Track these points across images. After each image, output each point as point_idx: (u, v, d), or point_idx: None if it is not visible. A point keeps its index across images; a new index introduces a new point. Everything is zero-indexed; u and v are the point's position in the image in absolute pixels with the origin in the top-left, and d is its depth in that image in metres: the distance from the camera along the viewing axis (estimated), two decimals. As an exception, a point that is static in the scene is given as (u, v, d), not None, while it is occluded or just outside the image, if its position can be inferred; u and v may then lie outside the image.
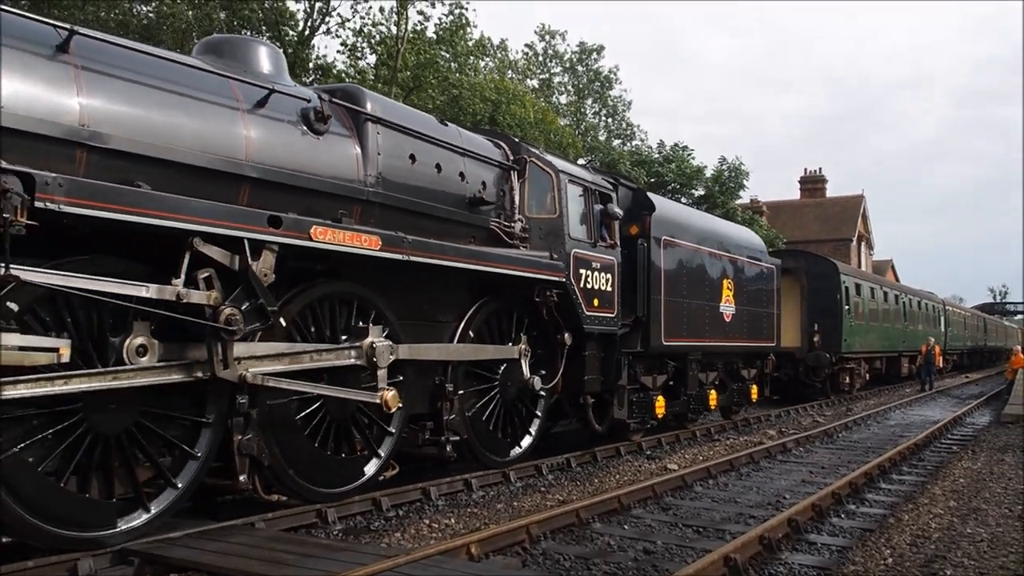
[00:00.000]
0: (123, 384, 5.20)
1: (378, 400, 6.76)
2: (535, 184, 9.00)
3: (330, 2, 26.43)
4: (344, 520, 6.60)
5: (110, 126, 5.28)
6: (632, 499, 7.63)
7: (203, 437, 5.77)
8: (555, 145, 28.49)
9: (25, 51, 5.02)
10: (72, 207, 4.65)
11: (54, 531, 4.99)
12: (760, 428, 14.04)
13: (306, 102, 6.64)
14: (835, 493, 7.93)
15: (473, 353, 8.05)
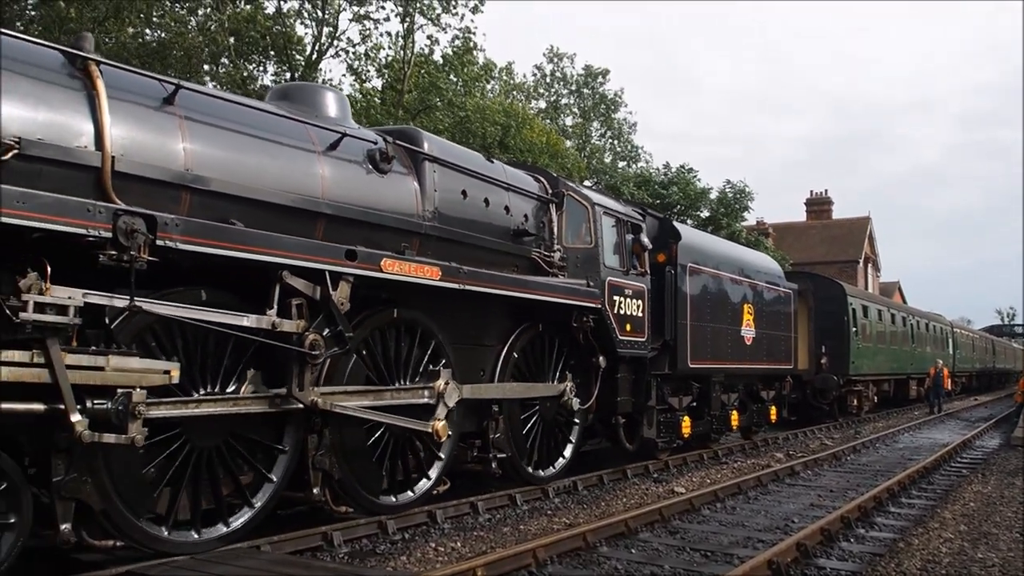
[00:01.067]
0: (240, 410, 6.08)
1: (429, 429, 7.58)
2: (572, 216, 9.88)
3: (338, 26, 27.54)
4: (350, 543, 6.81)
5: (209, 170, 6.09)
6: (639, 522, 7.77)
7: (281, 457, 6.59)
8: (562, 168, 29.47)
9: (139, 104, 5.84)
10: (186, 244, 5.43)
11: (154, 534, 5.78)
12: (768, 451, 14.38)
13: (372, 144, 7.49)
14: (844, 517, 8.03)
15: (525, 391, 8.96)
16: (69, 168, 5.36)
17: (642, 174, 35.30)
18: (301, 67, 27.26)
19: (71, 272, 5.12)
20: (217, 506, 6.17)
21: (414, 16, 26.85)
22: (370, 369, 7.29)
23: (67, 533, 5.35)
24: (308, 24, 27.63)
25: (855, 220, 50.52)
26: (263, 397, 6.27)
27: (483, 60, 30.77)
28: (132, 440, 5.32)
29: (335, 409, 6.71)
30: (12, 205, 4.66)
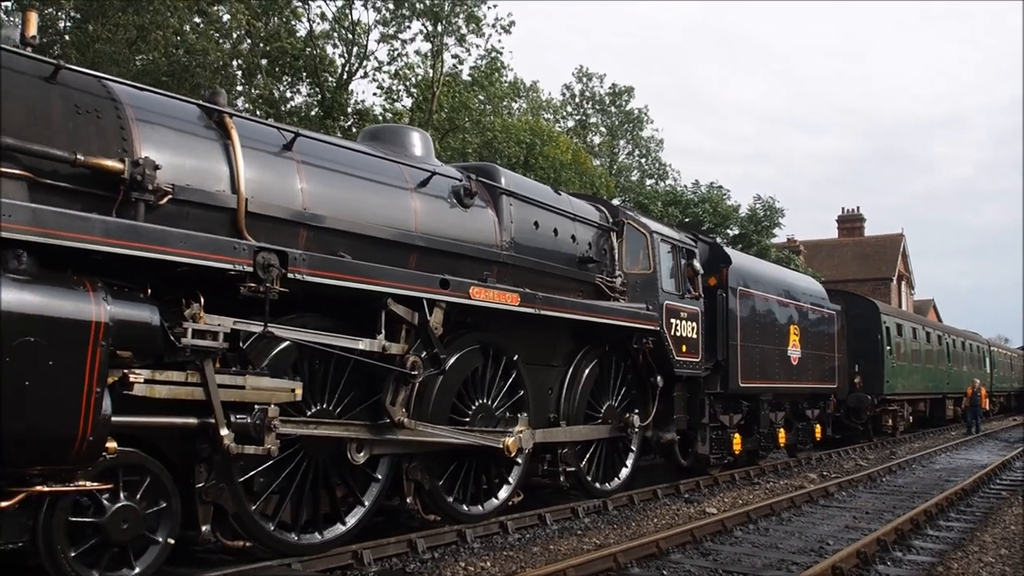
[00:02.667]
0: (349, 435, 6.98)
1: (500, 445, 8.43)
2: (631, 243, 10.81)
3: (367, 47, 28.66)
4: (380, 562, 7.10)
5: (322, 208, 7.00)
6: (671, 543, 7.91)
7: (382, 466, 7.47)
8: (589, 186, 30.37)
9: (264, 150, 6.78)
10: (312, 276, 6.32)
11: (280, 537, 6.68)
12: (801, 471, 14.66)
13: (456, 180, 8.42)
14: (881, 539, 8.10)
15: (591, 433, 9.79)
16: (210, 210, 6.29)
17: (672, 192, 36.20)
18: (333, 88, 28.39)
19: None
20: (332, 510, 7.06)
21: (442, 37, 27.90)
22: (455, 388, 8.16)
23: (207, 534, 6.25)
24: (338, 45, 28.82)
25: (888, 237, 51.12)
26: (369, 425, 7.18)
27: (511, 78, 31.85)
28: (268, 451, 6.22)
29: (419, 428, 7.59)
30: (176, 244, 5.58)
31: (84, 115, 5.77)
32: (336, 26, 27.90)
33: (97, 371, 5.10)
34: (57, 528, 5.33)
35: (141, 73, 21.78)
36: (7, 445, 4.86)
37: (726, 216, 34.83)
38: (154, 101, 6.38)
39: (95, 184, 5.67)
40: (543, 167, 29.51)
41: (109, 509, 5.55)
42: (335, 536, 7.09)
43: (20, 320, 4.79)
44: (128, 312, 5.34)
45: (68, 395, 4.99)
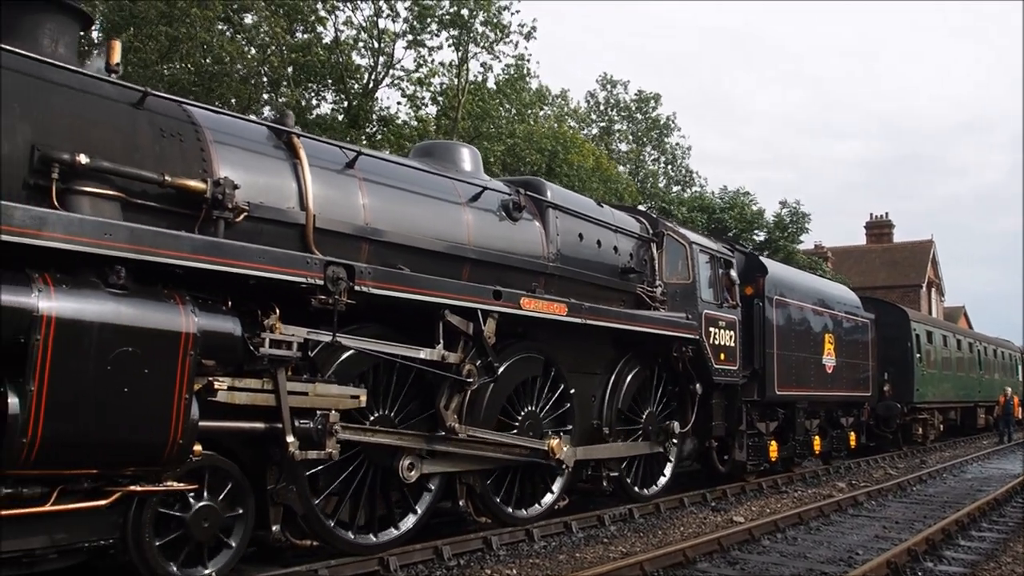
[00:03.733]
0: (403, 444, 7.39)
1: (546, 447, 8.83)
2: (670, 253, 11.24)
3: (393, 55, 29.20)
4: (406, 569, 7.24)
5: (382, 222, 7.46)
6: (697, 552, 7.97)
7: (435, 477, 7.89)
8: (613, 193, 30.78)
9: (329, 168, 7.26)
10: (377, 289, 6.78)
11: (342, 536, 7.13)
12: (829, 480, 14.73)
13: (505, 194, 8.87)
14: (911, 550, 8.10)
15: (629, 450, 10.17)
16: (281, 226, 6.77)
17: (700, 198, 36.57)
18: (359, 96, 28.94)
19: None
20: (388, 513, 7.51)
21: (467, 45, 28.38)
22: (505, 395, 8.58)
23: (277, 533, 6.70)
24: (364, 54, 29.37)
25: (917, 243, 51.22)
26: (422, 435, 7.60)
27: (537, 86, 32.30)
28: (329, 455, 6.66)
29: (470, 434, 8.02)
30: (256, 259, 6.05)
31: (168, 138, 6.26)
32: (362, 34, 28.42)
33: (186, 379, 5.57)
34: (146, 526, 5.79)
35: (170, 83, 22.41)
36: (108, 448, 5.33)
37: (752, 222, 35.11)
38: (228, 123, 6.88)
39: (179, 203, 6.15)
40: (567, 174, 29.94)
41: (192, 508, 6.02)
42: (389, 539, 7.51)
43: (119, 332, 5.26)
44: (213, 323, 5.80)
45: (161, 401, 5.46)
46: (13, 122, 5.47)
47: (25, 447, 4.90)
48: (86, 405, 5.14)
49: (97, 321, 5.17)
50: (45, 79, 5.75)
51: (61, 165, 5.51)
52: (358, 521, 7.37)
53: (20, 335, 4.89)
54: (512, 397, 8.68)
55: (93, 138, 5.80)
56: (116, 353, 5.24)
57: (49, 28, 6.06)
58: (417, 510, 7.74)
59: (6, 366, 4.92)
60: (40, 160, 5.49)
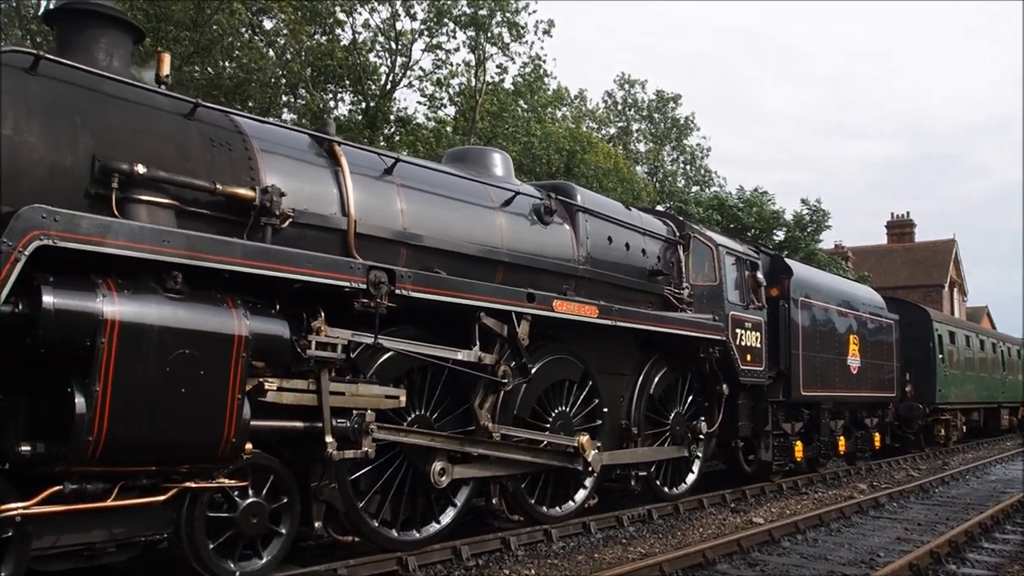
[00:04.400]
0: (436, 445, 7.63)
1: (576, 444, 9.06)
2: (697, 255, 11.51)
3: (411, 56, 29.54)
4: (424, 568, 7.35)
5: (419, 227, 7.75)
6: (717, 553, 8.02)
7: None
8: (631, 193, 31.01)
9: (368, 175, 7.55)
10: (416, 292, 7.06)
11: (383, 532, 7.42)
12: (850, 481, 14.74)
13: (536, 199, 9.16)
14: (934, 552, 8.13)
15: (652, 455, 10.39)
16: (324, 231, 7.06)
17: (716, 197, 36.75)
18: (377, 97, 29.29)
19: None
20: (427, 510, 7.80)
21: (484, 46, 28.68)
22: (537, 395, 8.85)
23: (320, 529, 6.99)
24: (382, 55, 29.73)
25: (939, 243, 51.08)
26: (455, 437, 7.87)
27: (555, 86, 32.56)
28: (366, 454, 6.94)
29: (501, 432, 8.30)
30: (303, 264, 6.34)
31: (218, 148, 6.56)
32: (380, 36, 28.76)
33: (239, 380, 5.86)
34: (198, 521, 6.09)
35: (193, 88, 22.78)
36: (166, 446, 5.63)
37: (770, 220, 35.24)
38: (273, 132, 7.19)
39: (229, 210, 6.45)
40: (585, 175, 30.20)
41: (241, 505, 6.31)
42: (430, 534, 7.81)
43: (177, 335, 5.55)
44: (263, 326, 6.09)
45: (215, 401, 5.74)
46: (75, 134, 5.78)
47: (91, 445, 5.19)
48: (146, 405, 5.42)
49: (157, 324, 5.45)
50: (103, 92, 6.06)
51: (120, 175, 5.81)
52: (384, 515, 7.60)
53: (86, 338, 5.18)
54: (543, 398, 8.94)
55: (148, 148, 6.10)
56: (174, 355, 5.53)
57: (105, 42, 6.36)
58: (456, 503, 8.03)
59: (73, 368, 5.22)
60: (101, 170, 5.79)
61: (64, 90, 5.84)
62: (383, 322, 7.23)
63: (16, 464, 5.22)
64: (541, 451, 8.68)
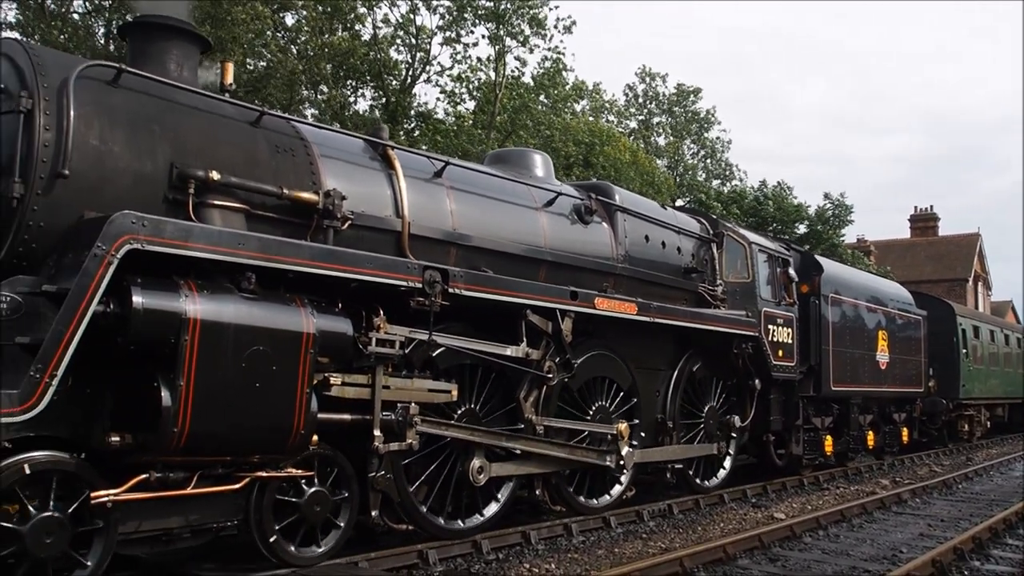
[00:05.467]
0: (476, 439, 8.04)
1: (615, 431, 9.49)
2: (730, 253, 11.92)
3: (430, 52, 29.94)
4: (445, 562, 7.46)
5: (467, 227, 8.18)
6: (738, 548, 8.06)
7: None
8: (650, 186, 31.34)
9: (420, 178, 7.98)
10: (468, 291, 7.49)
11: (432, 520, 7.84)
12: (872, 477, 14.82)
13: (576, 199, 9.56)
14: (957, 548, 8.15)
15: (682, 452, 10.74)
16: (380, 233, 7.49)
17: (736, 190, 37.06)
18: (396, 92, 29.70)
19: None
20: (472, 501, 8.23)
21: (504, 40, 29.04)
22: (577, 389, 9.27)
23: (377, 518, 7.42)
24: (402, 50, 30.13)
25: (963, 237, 51.12)
26: (495, 432, 8.26)
27: (573, 80, 32.90)
28: (410, 446, 7.33)
29: (545, 423, 8.72)
30: (365, 265, 6.77)
31: (282, 154, 6.99)
32: (400, 31, 29.15)
33: (307, 375, 6.29)
34: (267, 508, 6.53)
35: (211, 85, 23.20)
36: (242, 437, 6.06)
37: (791, 214, 35.51)
38: (331, 137, 7.63)
39: (293, 213, 6.88)
40: (604, 166, 30.55)
41: (306, 494, 6.74)
42: (475, 525, 8.23)
43: (252, 332, 5.98)
44: (329, 324, 6.51)
45: (286, 395, 6.18)
46: (154, 143, 6.23)
47: (175, 436, 5.62)
48: (224, 399, 5.85)
49: (233, 323, 5.88)
50: (177, 102, 6.51)
51: (196, 181, 6.26)
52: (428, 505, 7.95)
53: (171, 336, 5.61)
54: (584, 392, 9.36)
55: (220, 155, 6.54)
56: (249, 352, 5.95)
57: (175, 53, 6.80)
58: (499, 498, 8.45)
59: (157, 364, 5.65)
60: (178, 177, 6.24)
61: (143, 101, 6.28)
62: (434, 319, 7.65)
63: (104, 454, 5.65)
64: (576, 448, 9.06)
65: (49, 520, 5.34)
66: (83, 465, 5.59)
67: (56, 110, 5.77)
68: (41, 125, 5.71)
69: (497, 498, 8.46)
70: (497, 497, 8.47)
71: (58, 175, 5.71)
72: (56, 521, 5.37)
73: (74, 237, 5.76)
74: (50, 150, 5.72)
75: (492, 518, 8.35)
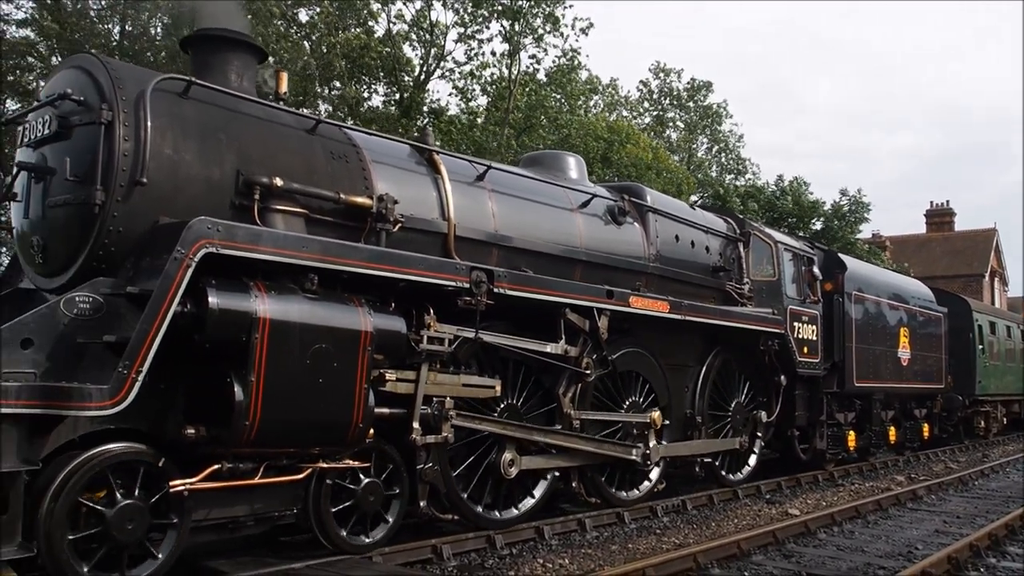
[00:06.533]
0: (508, 433, 8.43)
1: (648, 420, 9.92)
2: (756, 252, 12.36)
3: (444, 48, 30.34)
4: (458, 557, 7.62)
5: (508, 229, 8.62)
6: (752, 544, 8.13)
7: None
8: (669, 184, 31.69)
9: (464, 182, 8.42)
10: (512, 291, 7.93)
11: (476, 511, 8.28)
12: (887, 474, 15.02)
13: (611, 201, 10.00)
14: (973, 545, 8.17)
15: (706, 447, 11.13)
16: (427, 235, 7.93)
17: (752, 185, 37.42)
18: (410, 88, 30.10)
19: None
20: (508, 493, 8.70)
21: (519, 37, 29.40)
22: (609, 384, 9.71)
23: (425, 508, 7.87)
24: (416, 46, 30.52)
25: (980, 232, 51.21)
26: (525, 426, 8.64)
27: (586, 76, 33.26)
28: (445, 439, 7.74)
29: (582, 417, 9.17)
30: (417, 266, 7.21)
31: (337, 160, 7.44)
32: (414, 28, 29.54)
33: (365, 371, 6.73)
34: (325, 498, 6.98)
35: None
36: (306, 430, 6.51)
37: (808, 210, 35.85)
38: (381, 144, 8.08)
39: (348, 217, 7.32)
40: (624, 164, 30.91)
41: (361, 484, 7.19)
42: (513, 516, 8.68)
43: (315, 331, 6.41)
44: (384, 323, 6.94)
45: (347, 390, 6.61)
46: (221, 151, 6.67)
47: (247, 429, 6.06)
48: (291, 393, 6.28)
49: (299, 321, 6.32)
50: (241, 112, 6.95)
51: (261, 187, 6.69)
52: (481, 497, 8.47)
53: (243, 334, 6.05)
54: (617, 387, 9.81)
55: (281, 162, 6.98)
56: (313, 349, 6.39)
57: (236, 64, 7.25)
58: (535, 494, 8.92)
59: (230, 361, 6.09)
60: (244, 183, 6.68)
61: (210, 111, 6.73)
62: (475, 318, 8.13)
63: (177, 445, 6.09)
64: (604, 443, 9.48)
65: (132, 507, 5.79)
66: (161, 456, 6.04)
67: (134, 122, 6.22)
68: (121, 136, 6.16)
69: (533, 493, 8.90)
70: (533, 493, 8.90)
71: (136, 183, 6.16)
72: (138, 508, 5.82)
73: (151, 241, 6.22)
74: (129, 159, 6.17)
75: (531, 510, 8.78)
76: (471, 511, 8.20)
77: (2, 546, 5.26)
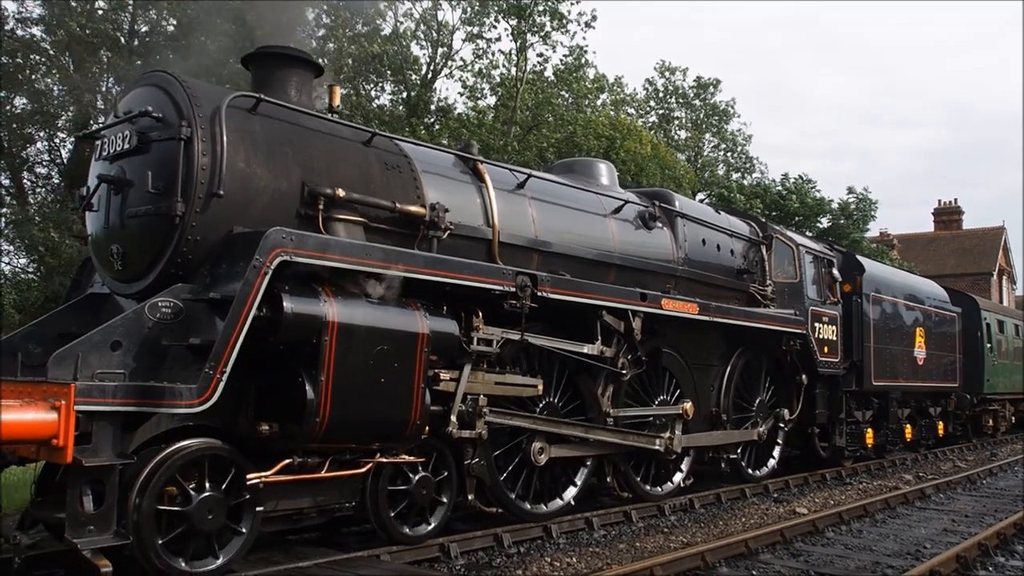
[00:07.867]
0: (538, 427, 8.93)
1: (680, 411, 10.44)
2: (778, 254, 12.95)
3: (452, 47, 30.85)
4: (466, 555, 7.76)
5: (547, 234, 9.16)
6: (760, 543, 8.27)
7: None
8: (672, 180, 32.21)
9: (506, 190, 8.96)
10: (555, 294, 8.47)
11: (518, 504, 8.82)
12: (896, 472, 15.23)
13: (642, 206, 10.57)
14: (982, 544, 8.27)
15: (725, 438, 11.60)
16: (473, 240, 8.47)
17: (759, 185, 37.91)
18: (417, 87, 30.60)
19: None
20: (553, 485, 9.27)
21: (526, 36, 29.88)
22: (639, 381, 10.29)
23: (472, 501, 8.40)
24: (423, 45, 31.03)
25: (988, 230, 51.59)
26: (552, 420, 9.12)
27: (593, 74, 33.75)
28: (479, 435, 8.20)
29: (618, 414, 9.74)
30: (468, 271, 7.74)
31: (391, 170, 7.97)
32: (421, 26, 30.04)
33: (422, 371, 7.26)
34: (382, 491, 7.51)
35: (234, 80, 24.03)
36: (370, 426, 7.04)
37: (815, 209, 36.33)
38: (429, 154, 8.62)
39: (402, 225, 7.85)
40: (625, 161, 31.40)
41: (415, 478, 7.73)
42: (556, 509, 9.23)
43: (378, 333, 6.94)
44: (439, 325, 7.48)
45: (406, 389, 7.14)
46: (288, 164, 7.20)
47: (317, 425, 6.58)
48: (356, 392, 6.81)
49: (363, 324, 6.85)
50: (303, 126, 7.48)
51: (325, 198, 7.22)
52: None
53: (313, 336, 6.58)
54: (647, 386, 10.37)
55: (341, 174, 7.51)
56: (376, 350, 6.92)
57: (295, 80, 7.77)
58: (577, 482, 9.48)
59: (302, 362, 6.62)
60: (309, 194, 7.20)
61: (276, 126, 7.26)
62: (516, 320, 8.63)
63: (249, 441, 6.62)
64: (628, 434, 9.95)
65: (212, 499, 6.31)
66: (236, 452, 6.57)
67: (210, 137, 6.74)
68: (199, 151, 6.68)
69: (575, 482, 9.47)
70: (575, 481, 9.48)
71: (214, 195, 6.69)
72: (217, 500, 6.34)
73: (226, 249, 6.73)
74: (207, 173, 6.69)
75: (565, 506, 9.32)
76: (514, 505, 8.74)
77: (99, 535, 5.77)
